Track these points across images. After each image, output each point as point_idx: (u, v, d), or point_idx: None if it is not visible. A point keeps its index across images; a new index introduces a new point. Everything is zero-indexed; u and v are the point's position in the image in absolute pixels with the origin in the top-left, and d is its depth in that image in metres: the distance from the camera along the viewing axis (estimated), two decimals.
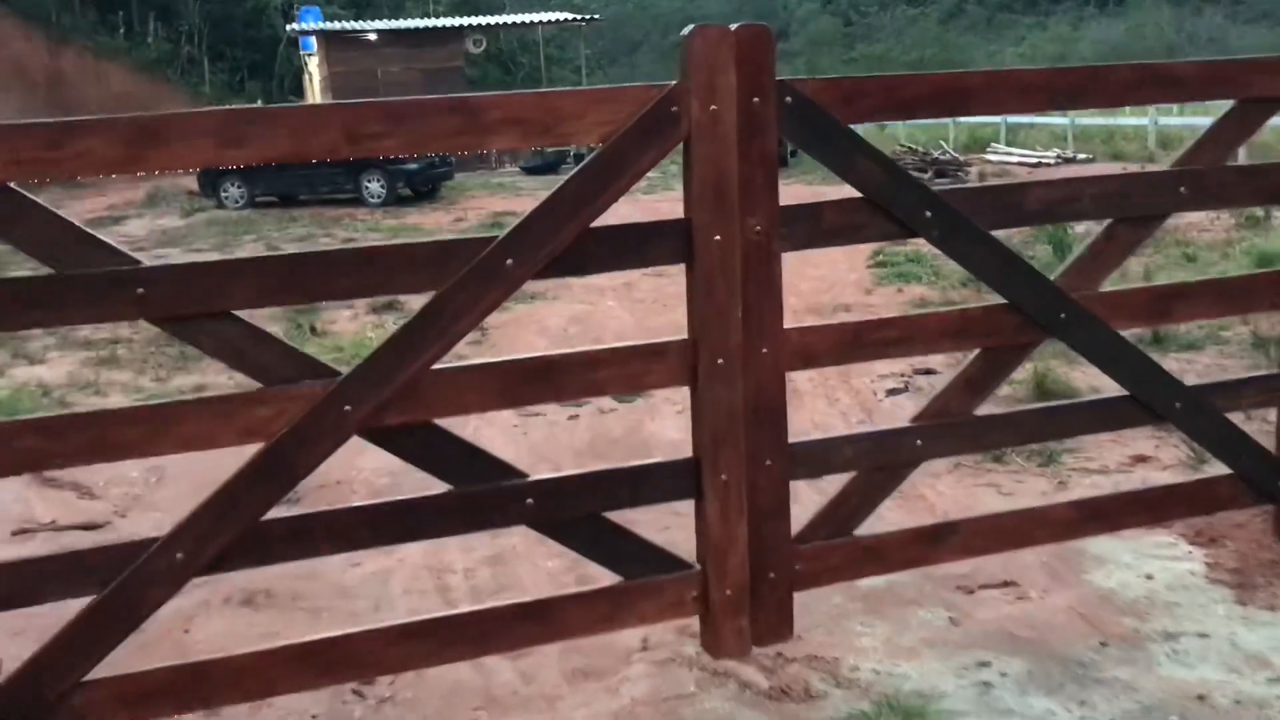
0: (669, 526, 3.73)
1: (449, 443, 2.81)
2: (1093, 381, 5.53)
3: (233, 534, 2.61)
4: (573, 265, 2.78)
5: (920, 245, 6.25)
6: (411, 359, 2.67)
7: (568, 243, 2.72)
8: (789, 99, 2.84)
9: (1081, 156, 20.64)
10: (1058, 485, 4.68)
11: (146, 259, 2.67)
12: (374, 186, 19.55)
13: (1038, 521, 3.34)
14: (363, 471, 5.18)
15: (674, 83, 2.75)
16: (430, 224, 15.98)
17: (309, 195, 19.77)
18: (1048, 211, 3.21)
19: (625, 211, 2.72)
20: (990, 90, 3.07)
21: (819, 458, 3.10)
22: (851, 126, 2.95)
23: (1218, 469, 3.57)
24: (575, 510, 2.88)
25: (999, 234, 3.11)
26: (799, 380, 6.42)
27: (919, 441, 3.17)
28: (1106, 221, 3.26)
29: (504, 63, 38.66)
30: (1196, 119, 19.23)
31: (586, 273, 2.83)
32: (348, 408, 2.64)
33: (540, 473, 2.93)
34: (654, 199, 13.19)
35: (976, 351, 3.22)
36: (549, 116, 2.68)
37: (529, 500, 2.83)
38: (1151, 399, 3.34)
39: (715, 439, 2.92)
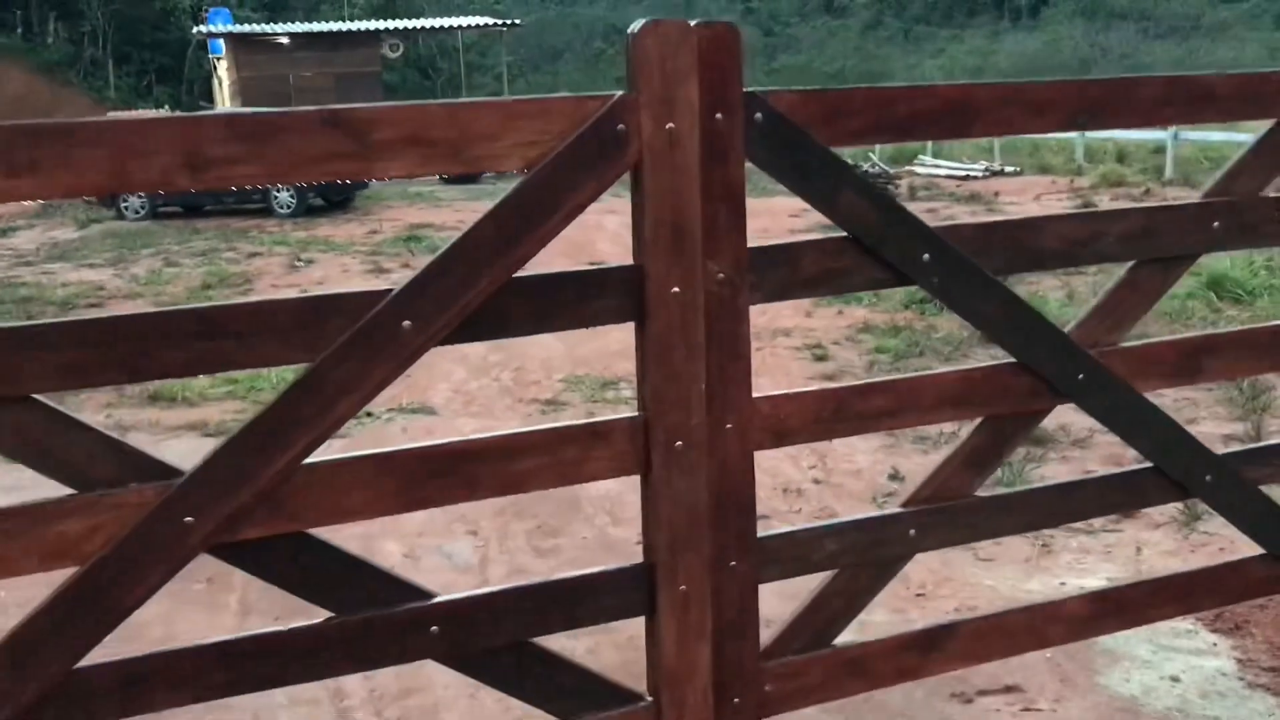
0: (595, 648, 3.15)
1: (329, 557, 2.17)
2: (1062, 418, 5.07)
3: (34, 692, 1.96)
4: (490, 326, 2.17)
5: None
6: (276, 452, 2.04)
7: (484, 298, 2.11)
8: (759, 115, 2.27)
9: (1009, 169, 20.49)
10: (1040, 547, 4.18)
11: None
12: (283, 196, 18.61)
13: (1049, 618, 2.81)
14: None
15: (618, 94, 2.16)
16: (342, 236, 15.16)
17: (214, 205, 18.76)
18: (1068, 252, 2.67)
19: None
20: (1001, 107, 2.52)
21: (794, 554, 2.52)
22: (834, 150, 2.39)
23: (1218, 529, 3.07)
24: (494, 639, 2.27)
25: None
26: None
27: (912, 531, 2.61)
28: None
29: (423, 68, 37.77)
30: (1121, 132, 19.19)
31: (508, 334, 2.22)
32: (189, 519, 2.00)
33: (447, 594, 2.29)
34: (600, 210, 12.57)
35: (977, 421, 2.68)
36: (457, 136, 2.07)
37: (434, 628, 2.21)
38: (1179, 472, 2.83)
39: (674, 541, 2.33)
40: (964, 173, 20.24)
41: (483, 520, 4.66)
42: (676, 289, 2.24)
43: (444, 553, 4.48)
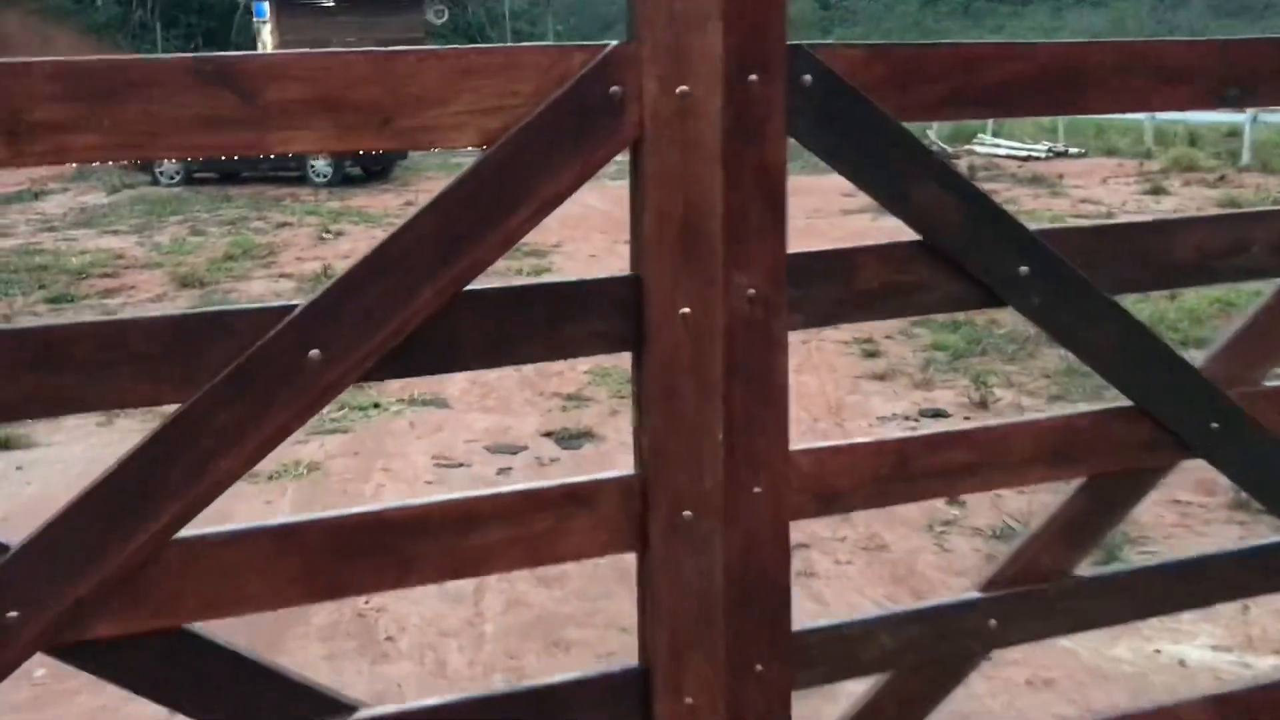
0: None
1: (214, 658, 1.63)
2: None
3: None
4: (432, 357, 1.62)
5: None
6: (134, 524, 1.50)
7: (422, 319, 1.56)
8: (807, 78, 1.68)
9: (1073, 150, 19.58)
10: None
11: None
12: (320, 165, 18.16)
13: None
14: None
15: (613, 44, 1.58)
16: (377, 207, 14.68)
17: (251, 173, 18.35)
18: (1204, 267, 2.06)
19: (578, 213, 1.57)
20: (1122, 75, 1.91)
21: (839, 653, 1.95)
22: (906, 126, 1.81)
23: None
24: None
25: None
26: None
27: (993, 622, 2.03)
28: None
29: (471, 36, 37.20)
30: (1194, 115, 18.28)
31: (457, 366, 1.65)
32: (13, 613, 1.48)
33: (376, 706, 1.74)
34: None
35: (1078, 483, 2.10)
36: (387, 98, 1.50)
37: None
38: None
39: (677, 639, 1.76)
40: (1025, 153, 19.36)
41: None
42: (687, 309, 1.67)
43: None
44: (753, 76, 1.64)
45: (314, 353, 1.51)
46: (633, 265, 1.69)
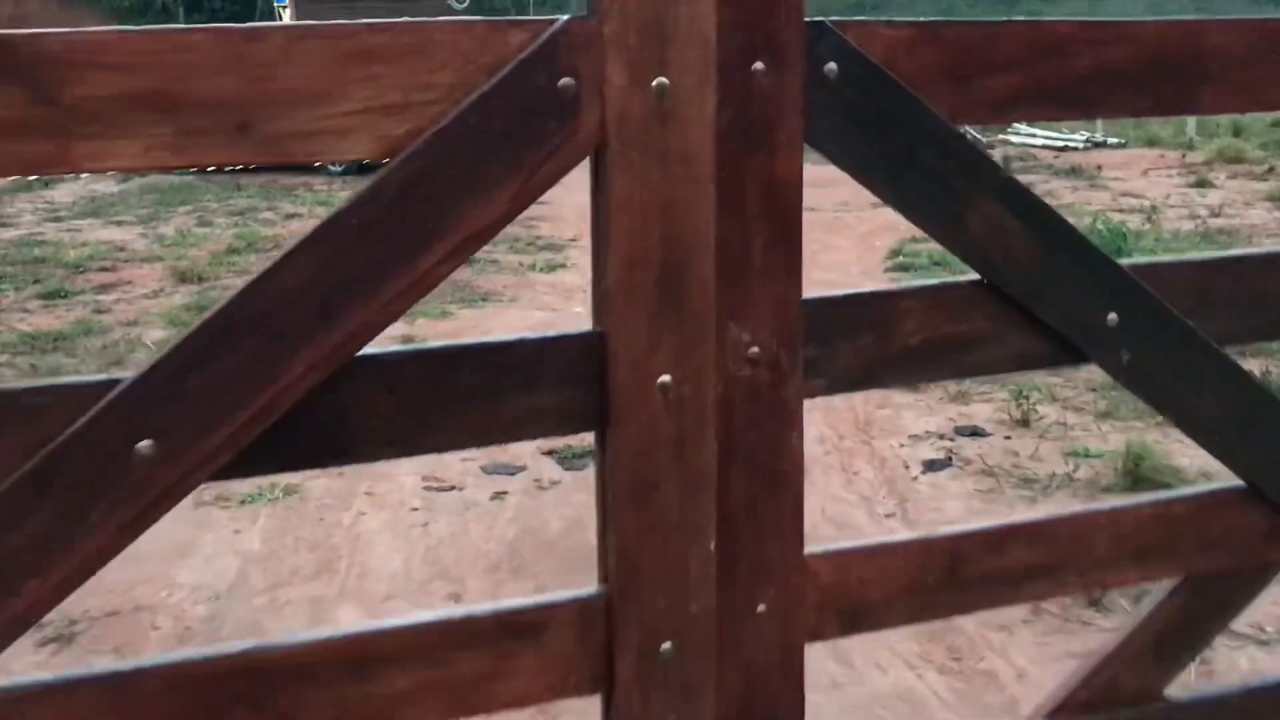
0: None
1: None
2: (1203, 464, 3.97)
3: None
4: (317, 448, 1.20)
5: None
6: None
7: (300, 394, 1.14)
8: (834, 66, 1.25)
9: (1112, 140, 18.94)
10: (1200, 664, 3.12)
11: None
12: None
13: None
14: (176, 592, 3.60)
15: (563, 19, 1.15)
16: None
17: None
18: None
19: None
20: (1252, 62, 1.46)
21: None
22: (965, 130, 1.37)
23: None
24: None
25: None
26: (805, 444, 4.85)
27: None
28: None
29: None
30: None
31: (350, 458, 1.23)
32: None
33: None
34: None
35: (1173, 583, 1.65)
36: (245, 91, 1.08)
37: None
38: None
39: None
40: (1062, 143, 18.74)
41: (470, 578, 3.71)
42: (667, 376, 1.24)
43: None
44: (758, 64, 1.21)
45: (144, 445, 1.09)
46: (595, 318, 1.26)
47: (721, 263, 1.24)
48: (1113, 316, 1.43)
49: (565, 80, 1.14)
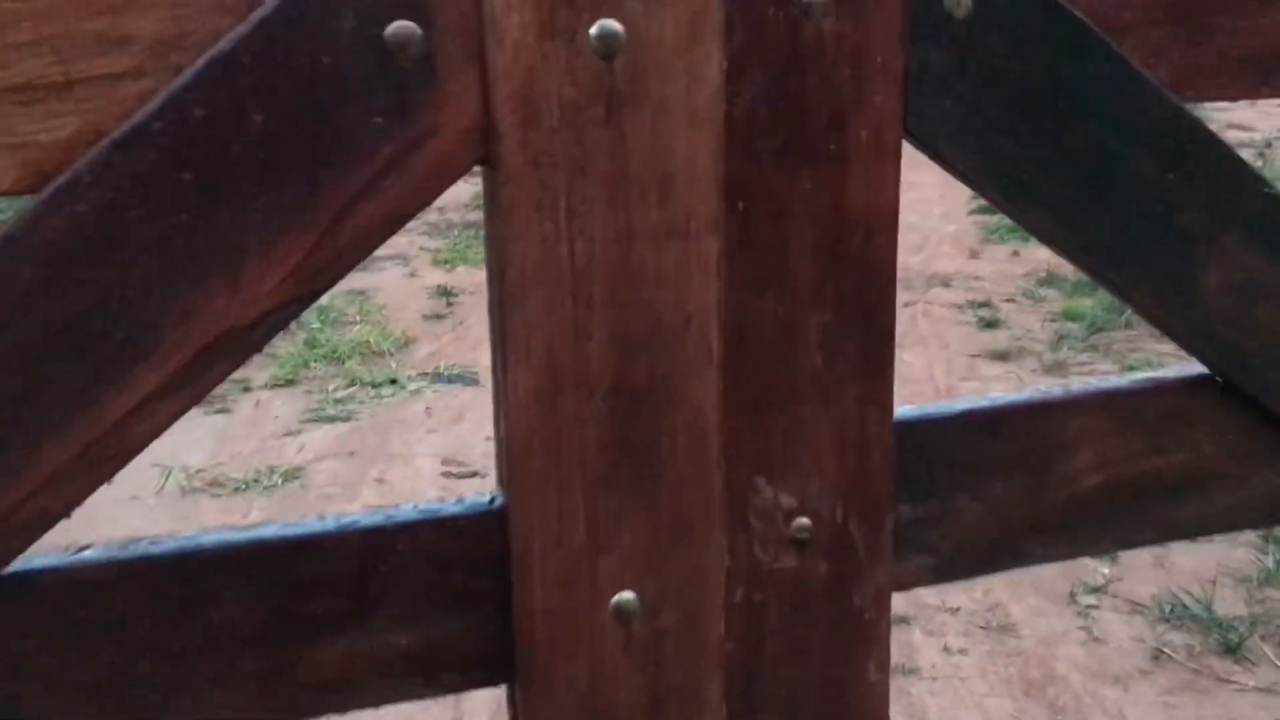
0: None
1: None
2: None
3: None
4: None
5: None
6: None
7: None
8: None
9: None
10: None
11: None
12: None
13: None
14: None
15: None
16: None
17: None
18: None
19: None
20: None
21: None
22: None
23: None
24: None
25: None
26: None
27: None
28: None
29: None
30: None
31: None
32: None
33: None
34: None
35: None
36: None
37: None
38: None
39: None
40: None
41: None
42: (628, 593, 0.66)
43: None
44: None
45: None
46: (499, 476, 0.68)
47: (735, 372, 0.65)
48: None
49: (399, 27, 0.55)
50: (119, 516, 3.59)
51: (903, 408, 0.71)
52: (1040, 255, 7.21)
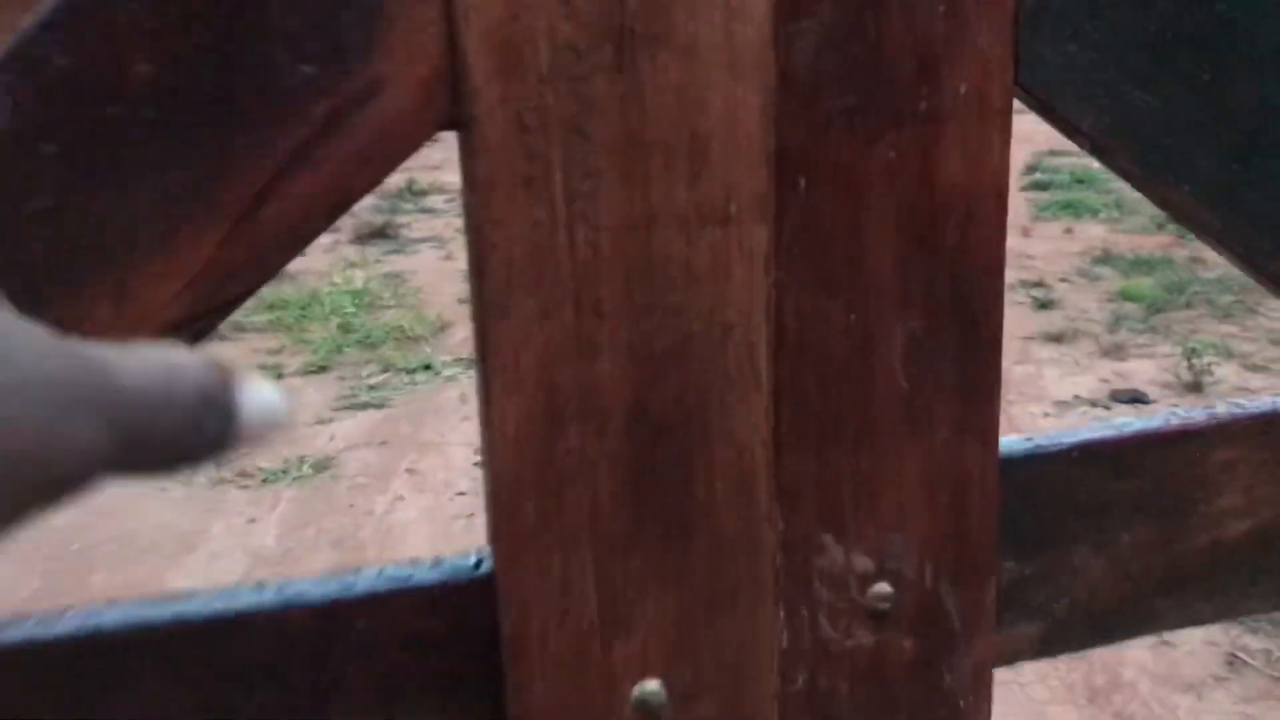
0: None
1: None
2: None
3: None
4: None
5: (1089, 161, 2.89)
6: None
7: None
8: None
9: None
10: None
11: None
12: None
13: None
14: None
15: None
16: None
17: None
18: None
19: None
20: None
21: None
22: None
23: None
24: None
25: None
26: None
27: None
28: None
29: None
30: None
31: None
32: None
33: None
34: None
35: None
36: None
37: None
38: None
39: None
40: None
41: None
42: (653, 683, 0.51)
43: None
44: None
45: None
46: (490, 531, 0.53)
47: (791, 397, 0.50)
48: None
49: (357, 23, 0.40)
50: (145, 509, 3.50)
51: (1005, 439, 0.56)
52: (1094, 232, 6.98)
